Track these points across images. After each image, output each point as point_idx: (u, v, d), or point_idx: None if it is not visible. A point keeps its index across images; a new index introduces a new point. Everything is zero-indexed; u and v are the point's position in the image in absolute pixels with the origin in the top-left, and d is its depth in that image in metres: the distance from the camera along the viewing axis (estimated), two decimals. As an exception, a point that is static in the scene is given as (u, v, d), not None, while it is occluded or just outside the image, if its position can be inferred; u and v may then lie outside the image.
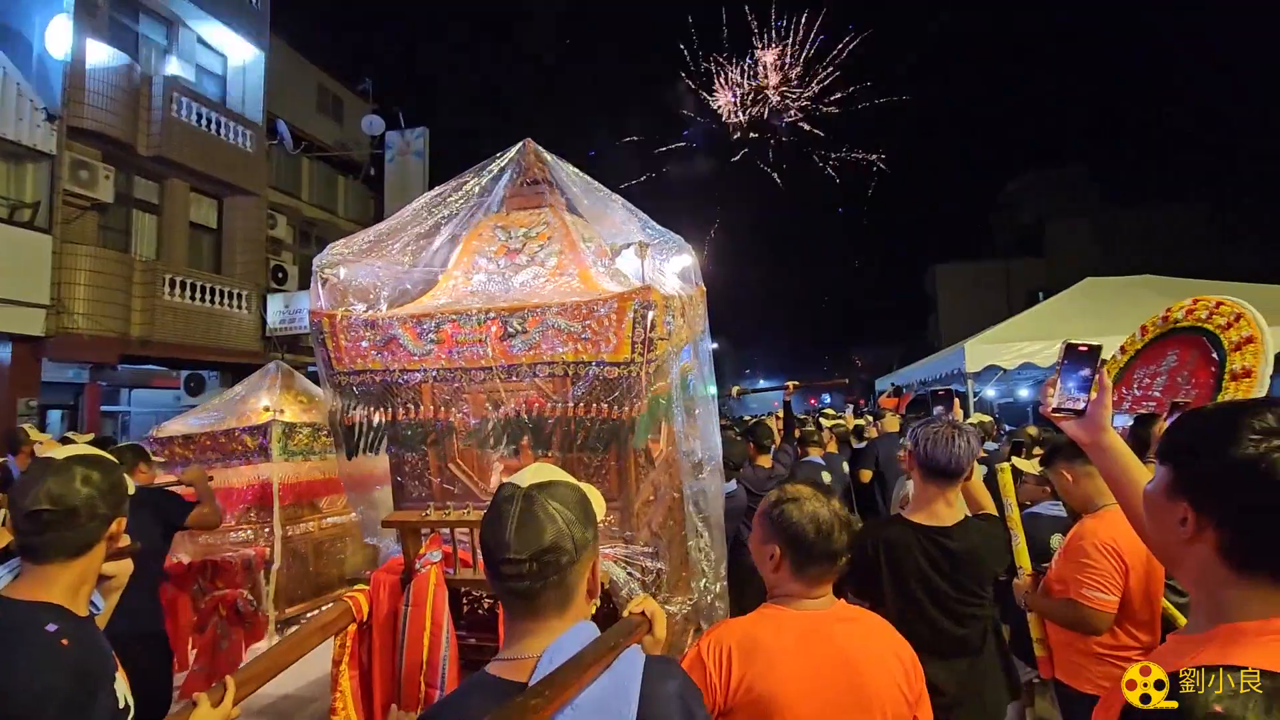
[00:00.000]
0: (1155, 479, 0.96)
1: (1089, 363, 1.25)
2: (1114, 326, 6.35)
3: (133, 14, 10.99)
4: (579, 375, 1.97)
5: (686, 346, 2.50)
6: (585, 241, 2.40)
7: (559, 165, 2.49)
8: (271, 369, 5.24)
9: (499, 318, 2.01)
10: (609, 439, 2.03)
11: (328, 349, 2.17)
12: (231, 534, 4.50)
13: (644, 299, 1.89)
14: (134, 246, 10.87)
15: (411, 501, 2.23)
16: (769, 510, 1.47)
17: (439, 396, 2.14)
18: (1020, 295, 22.58)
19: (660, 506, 2.22)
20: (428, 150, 15.24)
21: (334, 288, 2.29)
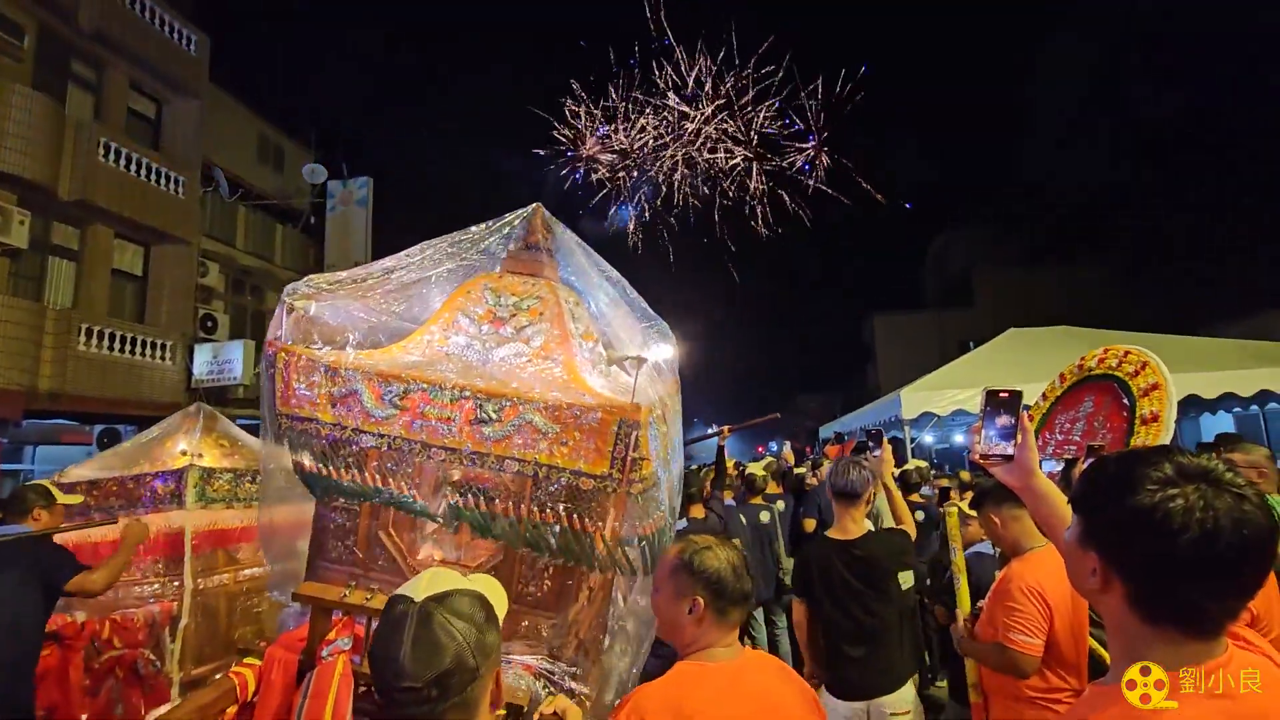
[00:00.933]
0: (1070, 528, 0.96)
1: (1011, 408, 1.27)
2: (1037, 374, 6.66)
3: (62, 56, 10.67)
4: (548, 479, 1.84)
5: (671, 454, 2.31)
6: (575, 322, 2.27)
7: (564, 233, 2.41)
8: (193, 411, 4.93)
9: (474, 399, 1.86)
10: (561, 551, 1.88)
11: (275, 385, 1.98)
12: (135, 588, 4.13)
13: (630, 417, 1.78)
14: (48, 294, 10.26)
15: (329, 562, 2.01)
16: (684, 563, 1.46)
17: (385, 464, 1.96)
18: (953, 344, 23.60)
19: (591, 611, 1.99)
20: (371, 199, 15.10)
21: (299, 320, 2.08)
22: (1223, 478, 0.83)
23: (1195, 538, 0.79)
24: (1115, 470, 0.90)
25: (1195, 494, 0.81)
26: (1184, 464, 0.84)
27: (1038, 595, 2.12)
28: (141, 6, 11.29)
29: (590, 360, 2.18)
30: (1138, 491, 0.83)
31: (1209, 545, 0.79)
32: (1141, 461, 0.87)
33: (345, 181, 15.04)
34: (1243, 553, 0.79)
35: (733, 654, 1.44)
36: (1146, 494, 0.83)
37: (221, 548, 4.54)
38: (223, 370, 11.69)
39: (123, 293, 11.44)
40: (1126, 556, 0.85)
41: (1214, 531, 0.79)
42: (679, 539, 1.57)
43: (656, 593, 1.52)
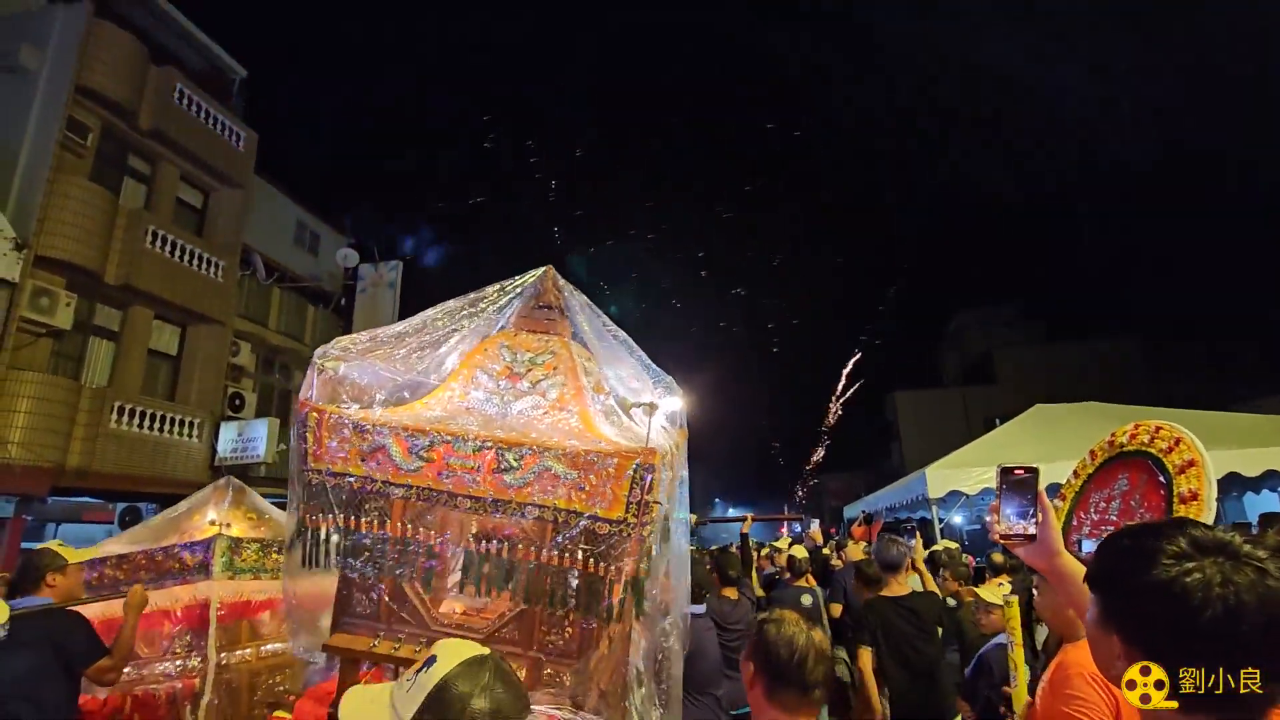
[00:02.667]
0: (1090, 609, 0.91)
1: (1028, 486, 1.24)
2: (1065, 450, 6.51)
3: (120, 153, 11.48)
4: (567, 524, 1.90)
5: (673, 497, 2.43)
6: (587, 376, 2.39)
7: (573, 294, 2.53)
8: (222, 483, 4.96)
9: (495, 449, 1.94)
10: (582, 595, 1.93)
11: (307, 443, 2.05)
12: (158, 664, 4.03)
13: (646, 461, 1.86)
14: (86, 373, 10.61)
15: (354, 618, 2.06)
16: (756, 626, 1.51)
17: (411, 514, 2.05)
18: (977, 420, 23.19)
19: (611, 660, 2.04)
20: (400, 282, 15.64)
21: (328, 382, 2.19)
22: (1240, 550, 0.78)
23: (1217, 615, 0.75)
24: (1129, 545, 0.86)
25: (1213, 568, 0.77)
26: (1199, 537, 0.81)
27: (1100, 683, 1.98)
28: (198, 108, 12.21)
29: (603, 411, 2.29)
30: (1153, 566, 0.79)
31: (1232, 623, 0.74)
32: (1154, 534, 0.84)
33: (376, 265, 15.65)
34: (1269, 631, 0.74)
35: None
36: (1162, 568, 0.79)
37: (246, 619, 4.46)
38: (246, 448, 11.82)
39: (157, 371, 11.79)
40: (1148, 637, 0.80)
41: (1236, 608, 0.74)
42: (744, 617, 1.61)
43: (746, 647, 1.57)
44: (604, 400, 2.35)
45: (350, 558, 2.06)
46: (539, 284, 2.52)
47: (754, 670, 1.44)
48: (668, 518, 2.35)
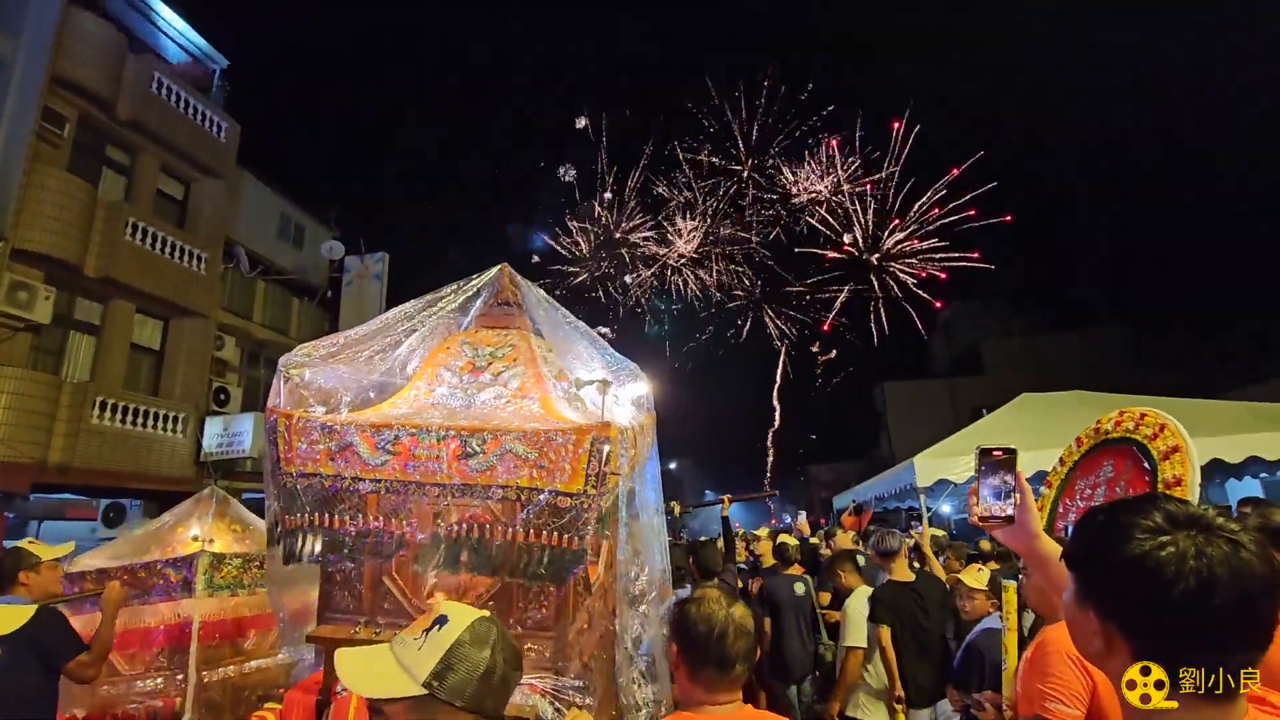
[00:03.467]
0: (1068, 589, 0.91)
1: (1007, 467, 1.23)
2: (1052, 439, 6.55)
3: (98, 143, 11.27)
4: (530, 501, 1.98)
5: (635, 473, 2.49)
6: (547, 365, 2.46)
7: (530, 290, 2.62)
8: (205, 494, 4.90)
9: (458, 436, 2.02)
10: (551, 566, 2.01)
11: (278, 448, 2.13)
12: (138, 682, 3.97)
13: (601, 434, 1.94)
14: (66, 368, 10.44)
15: (338, 613, 2.12)
16: (672, 607, 1.51)
17: (384, 507, 2.11)
18: (965, 410, 23.39)
19: (593, 635, 2.14)
20: (387, 274, 15.50)
21: (295, 388, 2.27)
22: (1214, 523, 0.78)
23: (1190, 589, 0.74)
24: (1104, 521, 0.86)
25: (1187, 541, 0.77)
26: (1173, 511, 0.81)
27: (1078, 662, 1.98)
28: (178, 98, 12.00)
29: (564, 396, 2.38)
30: (1128, 541, 0.79)
31: (1205, 596, 0.74)
32: (1129, 510, 0.84)
33: (363, 256, 15.49)
34: (1243, 604, 0.74)
35: (728, 710, 1.38)
36: (1136, 543, 0.79)
37: (227, 638, 4.41)
38: (232, 443, 11.70)
39: (140, 366, 11.63)
40: (1122, 612, 0.81)
41: (1209, 581, 0.74)
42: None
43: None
44: (565, 386, 2.44)
45: (329, 554, 2.12)
46: (496, 282, 2.61)
47: (676, 652, 1.42)
48: (632, 493, 2.42)
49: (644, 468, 2.60)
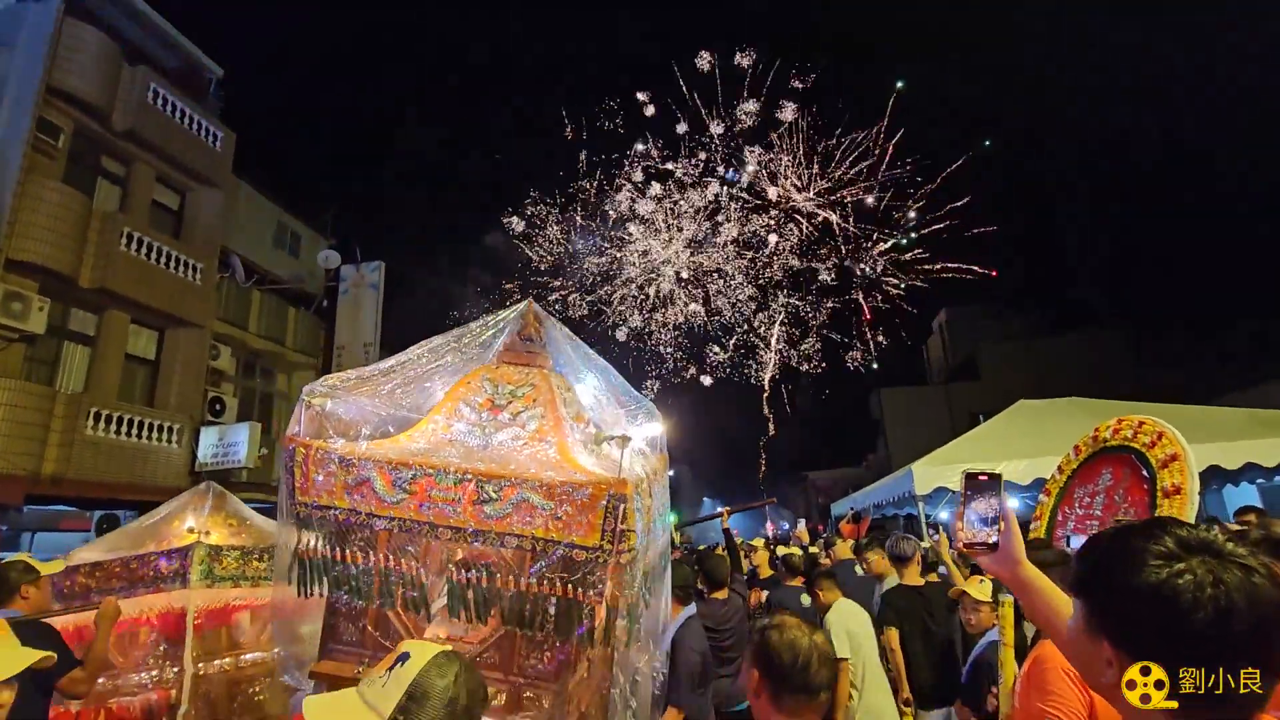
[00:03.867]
0: (1074, 616, 0.90)
1: (992, 491, 1.20)
2: (1049, 446, 6.55)
3: (93, 153, 11.25)
4: (545, 552, 1.97)
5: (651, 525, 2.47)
6: (566, 407, 2.47)
7: (553, 325, 2.63)
8: (202, 489, 4.85)
9: (475, 481, 2.02)
10: (559, 619, 2.00)
11: (294, 477, 2.14)
12: (133, 675, 3.93)
13: (619, 491, 1.93)
14: (61, 379, 10.39)
15: (341, 645, 2.13)
16: (754, 634, 1.51)
17: (395, 544, 2.12)
18: (962, 416, 23.40)
19: (591, 683, 2.10)
20: (383, 283, 15.49)
21: (314, 417, 2.27)
22: (1225, 549, 0.78)
23: (1209, 616, 0.74)
24: (1112, 547, 0.85)
25: (1202, 568, 0.76)
26: (1184, 537, 0.80)
27: (1076, 679, 1.96)
28: (172, 107, 11.99)
29: (581, 441, 2.37)
30: (1141, 568, 0.79)
31: (1223, 624, 0.74)
32: (1139, 535, 0.83)
33: (358, 265, 15.48)
34: (1259, 630, 0.74)
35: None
36: (1150, 570, 0.78)
37: (225, 626, 4.36)
38: (228, 453, 11.64)
39: (135, 376, 11.57)
40: (1138, 640, 0.79)
41: (1227, 609, 0.74)
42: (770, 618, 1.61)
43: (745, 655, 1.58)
44: (583, 429, 2.44)
45: (337, 588, 2.12)
46: (521, 318, 2.62)
47: (758, 677, 1.42)
48: (648, 548, 2.40)
49: (658, 517, 2.58)
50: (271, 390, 14.94)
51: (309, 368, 15.28)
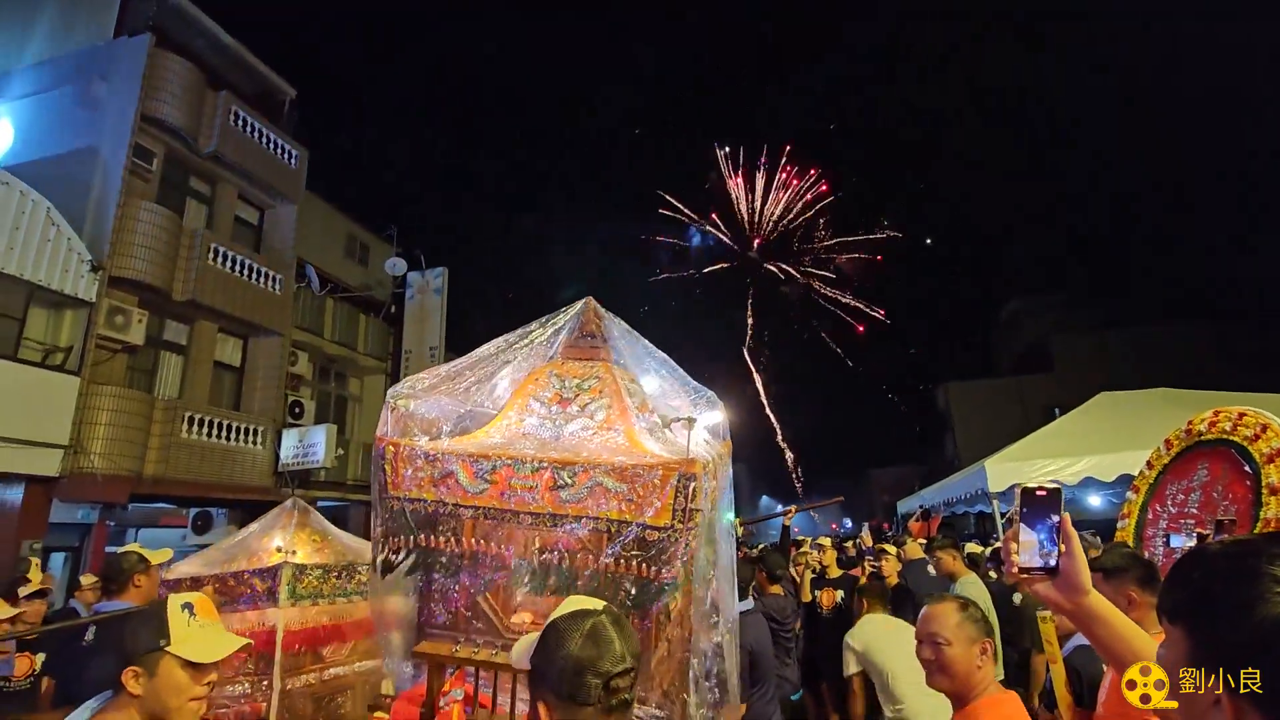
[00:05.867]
0: (1168, 646, 0.77)
1: (1051, 508, 1.07)
2: (1135, 440, 6.24)
3: (183, 175, 12.05)
4: (619, 533, 2.06)
5: (715, 505, 2.54)
6: (630, 396, 2.56)
7: (613, 321, 2.72)
8: (288, 506, 5.15)
9: (551, 469, 2.13)
10: (637, 597, 2.09)
11: (385, 474, 2.28)
12: (227, 687, 4.21)
13: (687, 470, 2.01)
14: (158, 386, 11.17)
15: (435, 629, 2.26)
16: (966, 614, 1.72)
17: (480, 531, 2.25)
18: (1035, 410, 22.40)
19: (672, 663, 2.16)
20: (446, 288, 15.99)
21: (400, 417, 2.42)
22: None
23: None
24: (1224, 569, 0.72)
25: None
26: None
27: None
28: (253, 129, 12.72)
29: (647, 428, 2.45)
30: (1266, 597, 0.67)
31: None
32: (1256, 554, 0.71)
33: (423, 272, 16.02)
34: None
35: (1003, 690, 1.71)
36: (1276, 600, 0.66)
37: (309, 646, 4.62)
38: (307, 454, 12.25)
39: (222, 382, 12.33)
40: (1262, 683, 0.66)
41: None
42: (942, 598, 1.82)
43: (946, 646, 1.71)
44: (648, 418, 2.51)
45: (429, 574, 2.27)
46: (581, 315, 2.72)
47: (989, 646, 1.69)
48: (712, 525, 2.47)
49: (722, 497, 2.65)
50: (345, 394, 15.64)
51: (379, 372, 15.93)
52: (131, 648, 1.52)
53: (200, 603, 1.67)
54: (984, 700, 1.67)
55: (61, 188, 9.94)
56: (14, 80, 11.85)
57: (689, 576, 2.23)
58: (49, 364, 9.21)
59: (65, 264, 9.47)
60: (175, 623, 1.55)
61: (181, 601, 1.63)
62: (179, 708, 1.51)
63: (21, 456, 8.71)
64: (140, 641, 1.52)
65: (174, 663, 1.51)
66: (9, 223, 8.93)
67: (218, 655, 1.58)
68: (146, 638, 1.52)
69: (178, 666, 1.51)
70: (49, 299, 9.41)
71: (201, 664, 1.55)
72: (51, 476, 9.07)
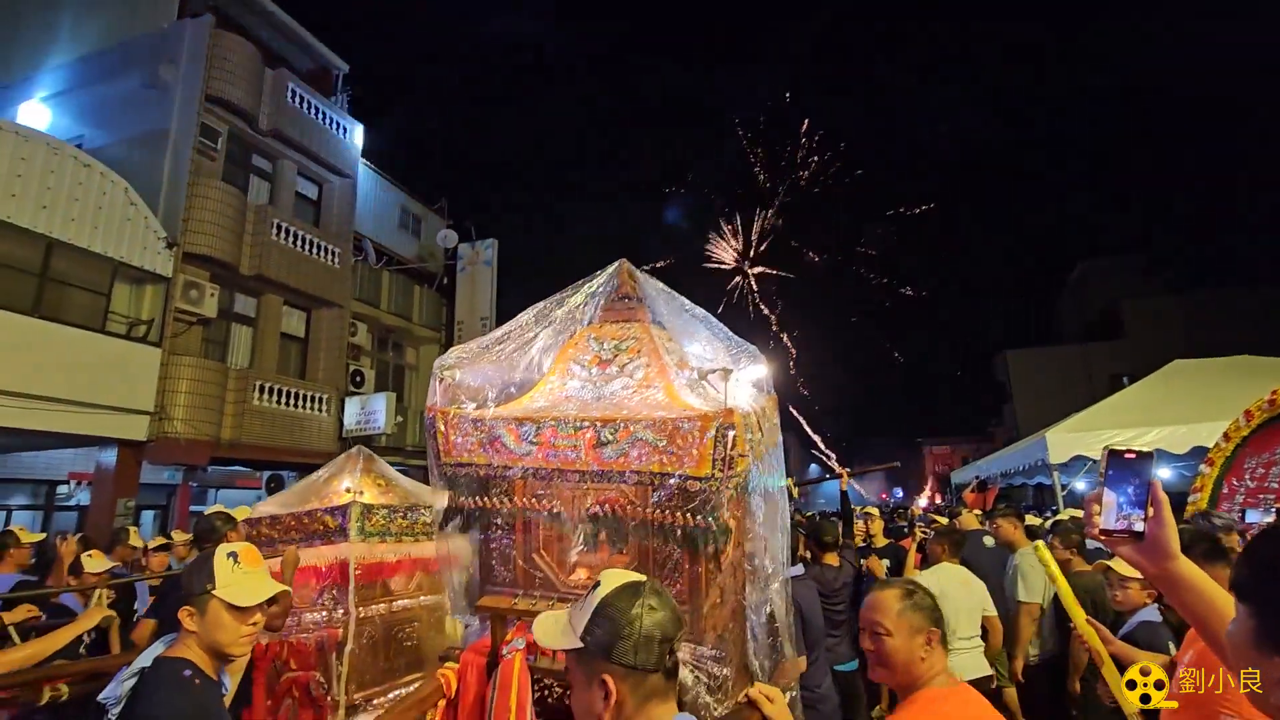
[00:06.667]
0: (1237, 623, 0.76)
1: (1140, 472, 1.06)
2: (1211, 411, 5.96)
3: (245, 153, 12.49)
4: (661, 484, 2.11)
5: (764, 458, 2.55)
6: (669, 354, 2.59)
7: (648, 282, 2.75)
8: (354, 452, 5.46)
9: (593, 427, 2.18)
10: (683, 544, 2.14)
11: (438, 442, 2.40)
12: (306, 614, 4.56)
13: (725, 420, 2.02)
14: (230, 356, 11.79)
15: (497, 585, 2.38)
16: (910, 603, 1.62)
17: (531, 490, 2.33)
18: (1101, 379, 21.48)
19: (725, 610, 2.23)
20: (496, 259, 16.23)
21: (448, 387, 2.53)
22: None
23: None
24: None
25: None
26: None
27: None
28: (308, 105, 13.04)
29: (687, 384, 2.48)
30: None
31: None
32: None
33: (474, 243, 16.28)
34: None
35: (952, 682, 1.59)
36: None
37: (378, 579, 4.94)
38: (369, 420, 12.78)
39: (289, 352, 12.91)
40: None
41: None
42: (888, 584, 1.74)
43: (886, 637, 1.60)
44: (687, 375, 2.54)
45: (487, 532, 2.39)
46: (615, 278, 2.76)
47: (934, 636, 1.59)
48: (760, 477, 2.49)
49: (770, 453, 2.65)
50: (402, 363, 16.17)
51: (434, 341, 16.38)
52: (187, 590, 1.73)
53: (245, 551, 1.85)
54: (924, 693, 1.55)
55: (135, 168, 10.47)
56: (85, 66, 12.41)
57: (739, 526, 2.28)
58: (133, 336, 9.82)
59: (144, 241, 10.02)
60: (220, 569, 1.73)
61: (228, 551, 1.81)
62: (229, 642, 1.71)
63: (114, 422, 9.38)
64: (194, 585, 1.72)
65: (219, 605, 1.70)
66: (92, 203, 9.47)
67: (255, 599, 1.74)
68: (198, 582, 1.72)
69: (223, 608, 1.70)
70: (130, 275, 9.99)
71: (242, 606, 1.72)
72: (140, 441, 9.75)
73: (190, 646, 1.70)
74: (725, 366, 2.38)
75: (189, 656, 1.68)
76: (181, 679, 1.63)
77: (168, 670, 1.65)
